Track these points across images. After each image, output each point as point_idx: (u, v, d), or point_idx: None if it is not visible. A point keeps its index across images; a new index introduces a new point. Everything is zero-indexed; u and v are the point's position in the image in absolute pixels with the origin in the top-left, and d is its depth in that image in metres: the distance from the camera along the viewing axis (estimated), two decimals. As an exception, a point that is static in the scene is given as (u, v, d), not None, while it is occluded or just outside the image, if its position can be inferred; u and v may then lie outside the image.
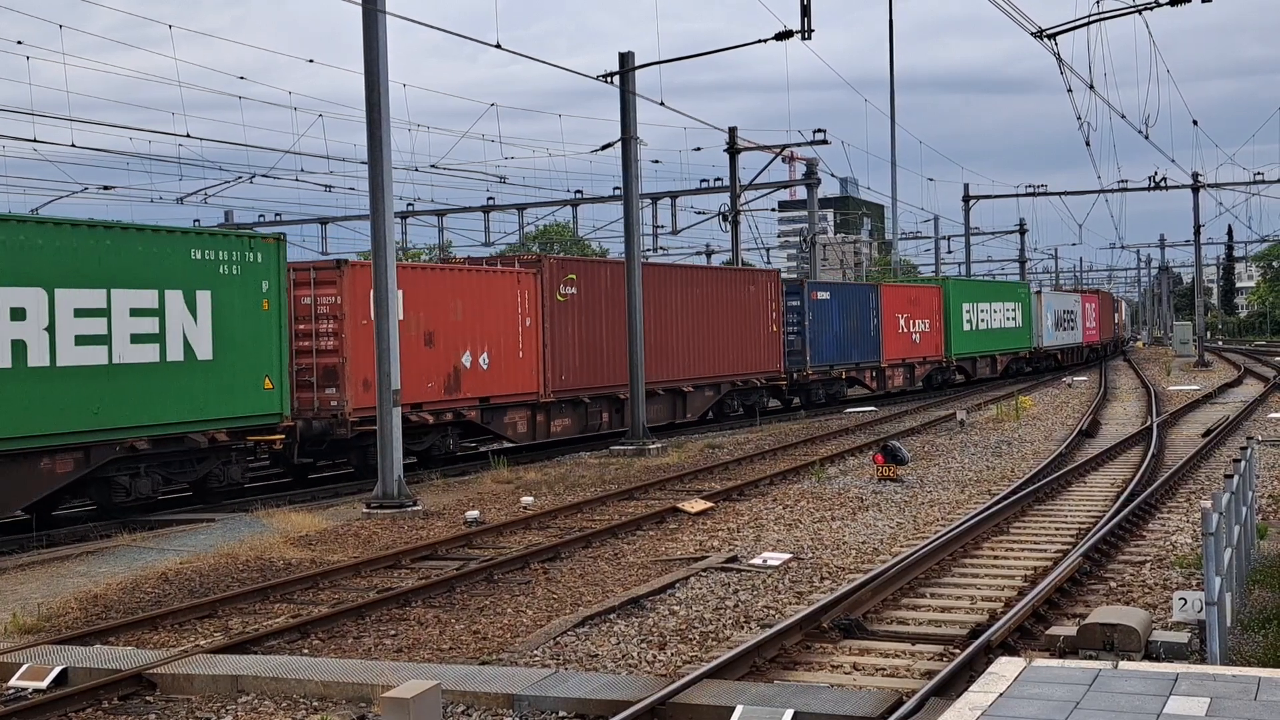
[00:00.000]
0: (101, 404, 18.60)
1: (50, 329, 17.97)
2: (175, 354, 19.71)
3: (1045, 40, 23.44)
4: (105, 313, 18.71)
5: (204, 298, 20.19)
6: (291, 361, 22.04)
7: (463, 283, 26.54)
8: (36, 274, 17.83)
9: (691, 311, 34.11)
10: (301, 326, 23.10)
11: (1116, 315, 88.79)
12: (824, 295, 41.67)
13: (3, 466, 17.53)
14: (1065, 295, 69.22)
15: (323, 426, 23.00)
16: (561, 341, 29.05)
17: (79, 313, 18.34)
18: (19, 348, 17.57)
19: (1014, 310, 57.90)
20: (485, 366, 26.70)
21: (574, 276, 29.71)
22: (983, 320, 54.13)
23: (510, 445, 29.33)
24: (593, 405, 30.43)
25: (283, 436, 21.67)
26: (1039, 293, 62.91)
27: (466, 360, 26.17)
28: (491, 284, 27.24)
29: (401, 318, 22.53)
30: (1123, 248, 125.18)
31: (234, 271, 20.76)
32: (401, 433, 20.61)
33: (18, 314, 17.57)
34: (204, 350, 20.15)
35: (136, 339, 19.14)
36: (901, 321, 46.72)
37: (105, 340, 18.69)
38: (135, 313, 19.13)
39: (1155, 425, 28.41)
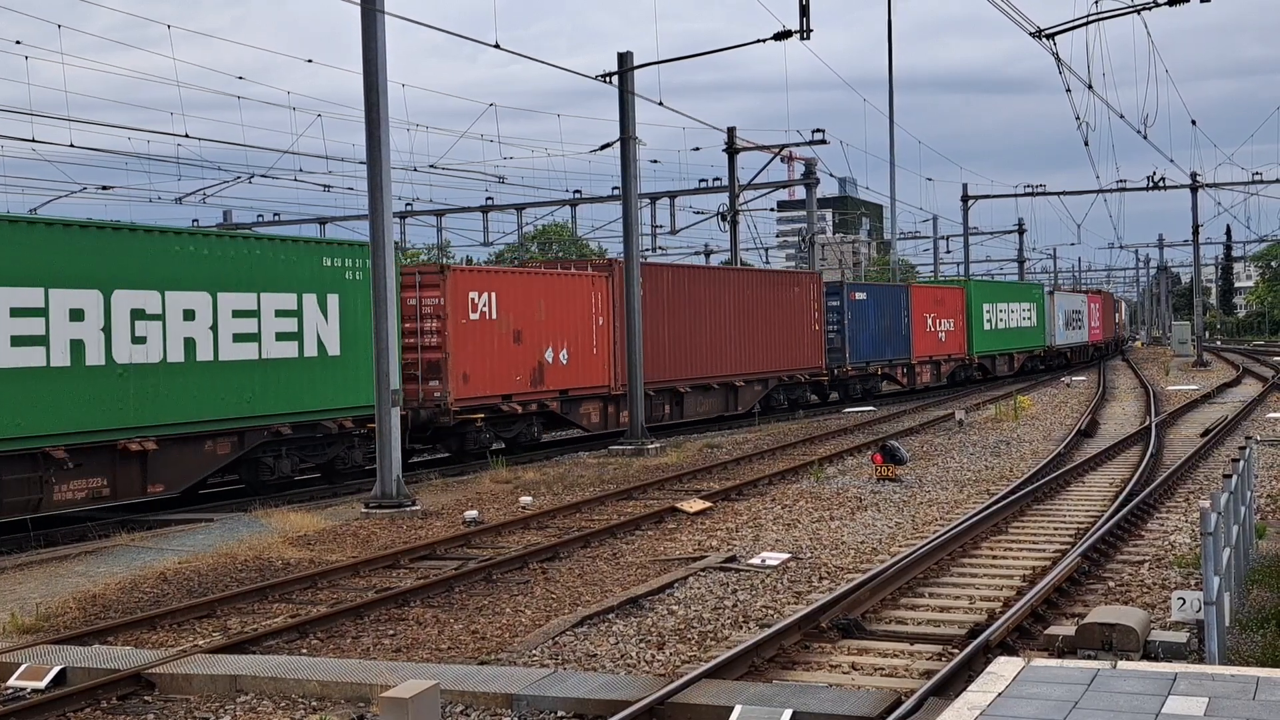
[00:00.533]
0: (253, 394, 21.23)
1: (214, 328, 20.63)
2: (310, 350, 22.35)
3: (1044, 40, 23.45)
4: (255, 314, 21.33)
5: (333, 301, 22.77)
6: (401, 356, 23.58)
7: (545, 285, 29.00)
8: (203, 280, 20.48)
9: (743, 312, 36.48)
10: (408, 325, 25.13)
11: (1117, 315, 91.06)
12: (861, 296, 44.15)
13: (179, 447, 20.13)
14: (1074, 296, 71.38)
15: (428, 415, 25.47)
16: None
17: (235, 314, 21.04)
18: (190, 344, 20.20)
19: (1030, 310, 60.54)
20: (565, 362, 29.27)
21: (643, 279, 31.50)
22: (1001, 320, 56.65)
23: (584, 434, 31.85)
24: (656, 398, 32.64)
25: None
26: (1051, 293, 65.15)
27: (549, 356, 28.75)
28: (569, 286, 29.80)
29: (495, 318, 26.74)
30: (1121, 247, 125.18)
31: (357, 277, 23.12)
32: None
33: (189, 314, 20.23)
34: (333, 347, 22.76)
35: (280, 337, 21.75)
36: (929, 321, 49.14)
37: (256, 338, 21.33)
38: (279, 314, 21.75)
39: (1154, 425, 28.42)
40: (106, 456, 18.96)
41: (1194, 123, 52.35)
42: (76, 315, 18.47)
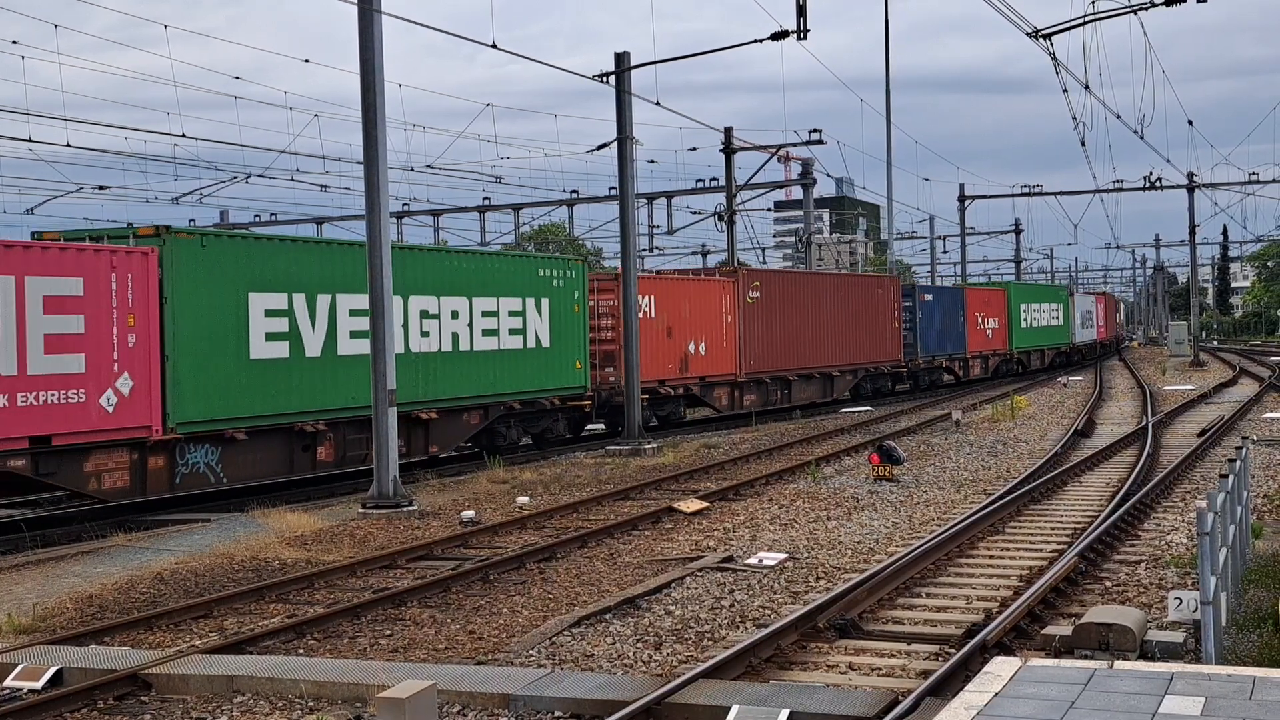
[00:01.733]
0: (495, 377, 26.81)
1: (470, 325, 26.22)
2: (531, 343, 28.01)
3: (1041, 40, 23.46)
4: (496, 314, 26.91)
5: (545, 303, 28.45)
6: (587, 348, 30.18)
7: (689, 289, 34.85)
8: (463, 287, 26.10)
9: (838, 311, 42.00)
10: (591, 322, 30.62)
11: (1117, 314, 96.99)
12: (928, 297, 49.72)
13: (449, 417, 25.80)
14: (1087, 297, 77.40)
15: (606, 395, 31.21)
16: (750, 334, 36.85)
17: (484, 314, 26.69)
18: (455, 338, 25.82)
19: (1057, 310, 66.51)
20: (703, 353, 34.87)
21: (758, 284, 37.70)
22: (1035, 319, 62.49)
23: (715, 415, 37.40)
24: (771, 385, 38.39)
25: (589, 403, 30.39)
26: (1072, 295, 70.88)
27: (692, 348, 34.41)
28: (705, 289, 35.49)
29: (654, 317, 32.41)
30: (1118, 248, 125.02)
31: (560, 284, 29.01)
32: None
33: (454, 315, 25.81)
34: (545, 340, 28.43)
35: (511, 332, 27.38)
36: (979, 319, 54.69)
37: (496, 333, 26.95)
38: (510, 314, 27.44)
39: (1150, 425, 28.44)
40: (405, 424, 23.87)
41: (1190, 123, 52.49)
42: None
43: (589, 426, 33.34)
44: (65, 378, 18.43)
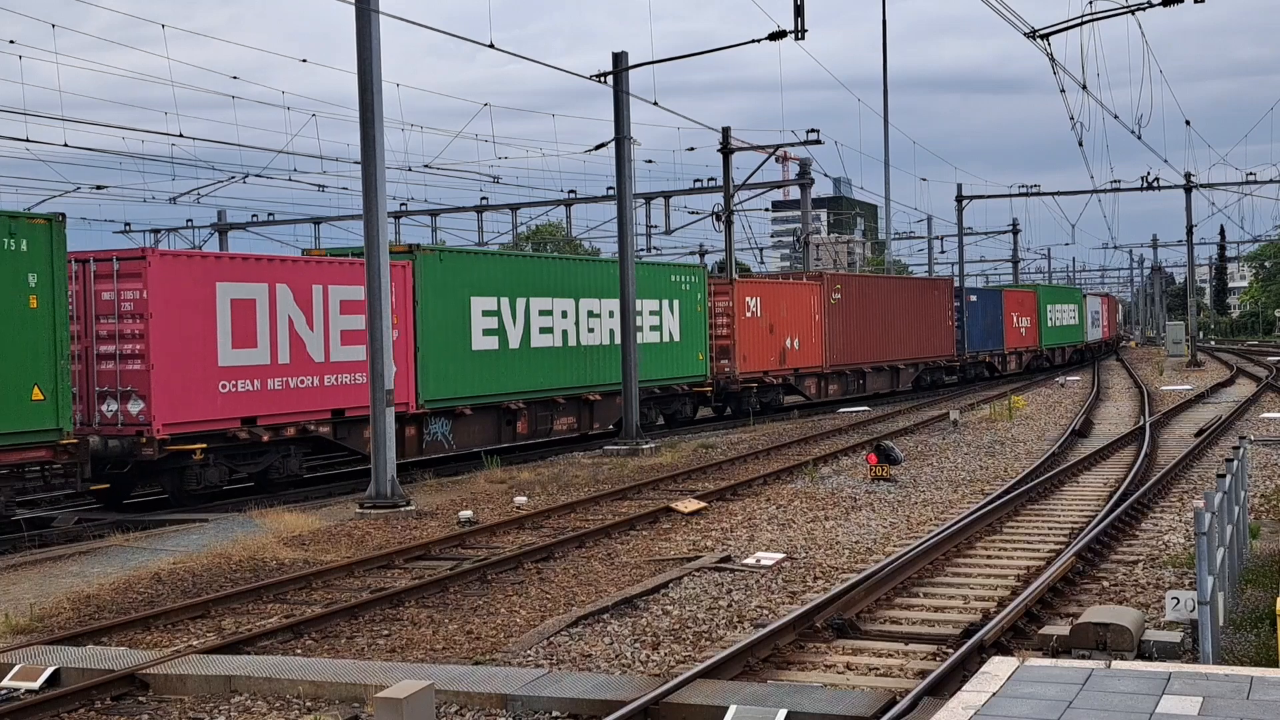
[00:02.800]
0: (650, 366, 32.26)
1: (571, 328, 30.74)
2: (666, 338, 33.46)
3: (1038, 41, 23.46)
4: (640, 314, 31.49)
5: (676, 304, 33.83)
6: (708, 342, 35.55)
7: (785, 291, 40.25)
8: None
9: (904, 311, 47.41)
10: (711, 319, 35.80)
11: (1118, 314, 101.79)
12: (974, 298, 55.13)
13: (608, 399, 30.76)
14: (1094, 298, 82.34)
15: (723, 383, 36.39)
16: (833, 331, 42.25)
17: (650, 313, 32.81)
18: (611, 333, 31.00)
19: (1074, 311, 71.94)
20: (796, 347, 40.11)
21: (839, 287, 43.10)
22: (1058, 319, 68.00)
23: (805, 402, 42.12)
24: (849, 376, 43.97)
25: (710, 388, 35.74)
26: (1085, 296, 76.81)
27: (788, 343, 39.59)
28: (798, 291, 40.95)
29: (760, 315, 37.96)
30: (1115, 248, 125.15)
31: (687, 288, 34.43)
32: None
33: (611, 314, 30.85)
34: (677, 336, 33.90)
35: (652, 329, 32.90)
36: (1014, 319, 59.88)
37: (640, 329, 31.41)
38: (651, 313, 32.90)
39: (1148, 425, 28.45)
40: (577, 404, 30.25)
41: (1188, 123, 52.57)
42: (564, 314, 29.54)
43: (703, 409, 38.73)
44: (353, 364, 23.32)
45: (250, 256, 22.92)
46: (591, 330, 30.54)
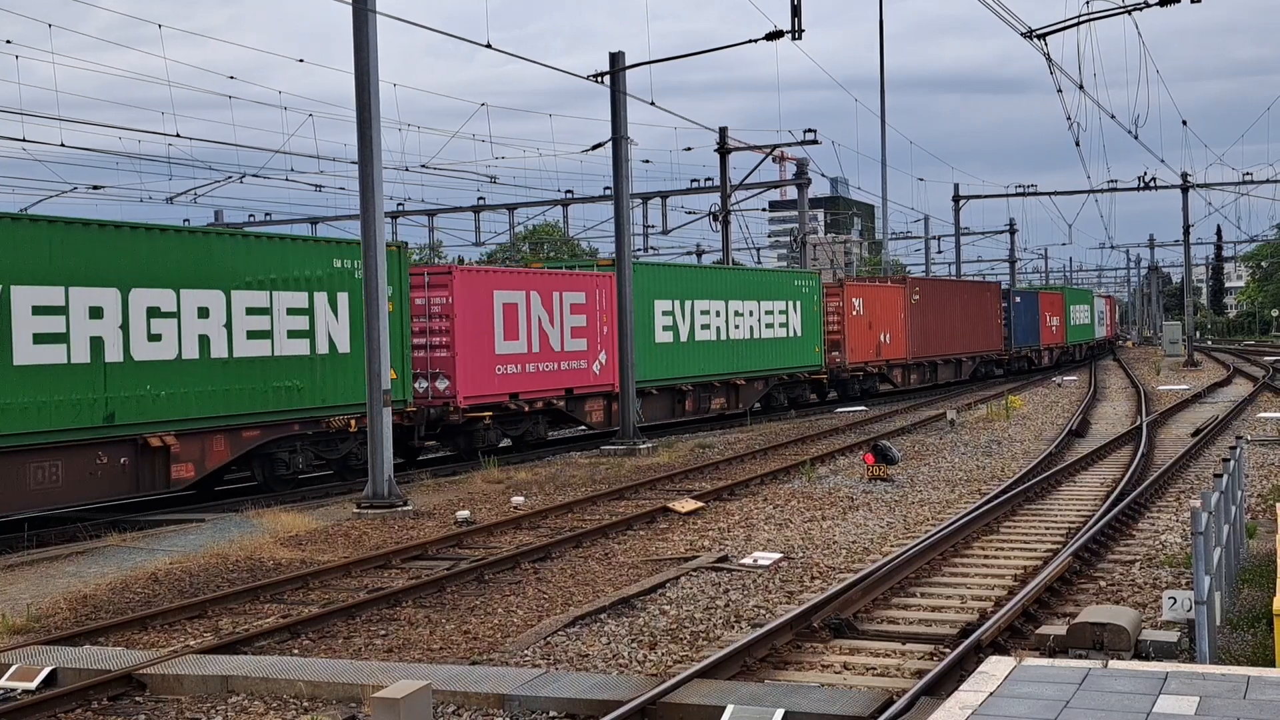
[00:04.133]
0: (772, 357, 38.64)
1: (760, 320, 37.99)
2: (791, 333, 39.69)
3: (1035, 41, 23.47)
4: (773, 312, 38.76)
5: (798, 305, 40.09)
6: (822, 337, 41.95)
7: (880, 292, 46.77)
8: (756, 294, 37.85)
9: (963, 311, 53.82)
10: (824, 317, 42.17)
11: (1116, 314, 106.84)
12: (1018, 299, 61.61)
13: (750, 384, 37.59)
14: (1100, 300, 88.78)
15: (834, 373, 42.85)
16: (914, 328, 48.40)
17: (766, 312, 38.46)
18: (752, 330, 37.86)
19: (1088, 310, 78.58)
20: (888, 342, 46.42)
21: (918, 289, 49.88)
22: (1078, 318, 74.53)
23: (885, 392, 47.84)
24: (925, 367, 50.54)
25: (825, 376, 42.10)
26: (1095, 297, 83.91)
27: (882, 338, 45.89)
28: (890, 293, 47.48)
29: (862, 314, 44.17)
30: (1112, 248, 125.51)
31: (805, 290, 40.73)
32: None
33: (751, 313, 37.32)
34: (799, 332, 39.97)
35: (781, 325, 39.18)
36: (1048, 318, 66.50)
37: (772, 325, 38.54)
38: (780, 313, 39.06)
39: (1145, 425, 28.46)
40: (727, 387, 36.67)
41: (1185, 123, 52.62)
42: (717, 314, 36.09)
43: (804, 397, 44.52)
44: (580, 354, 30.34)
45: (514, 270, 31.33)
46: (737, 327, 36.95)
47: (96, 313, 19.35)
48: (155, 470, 20.20)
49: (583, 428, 32.58)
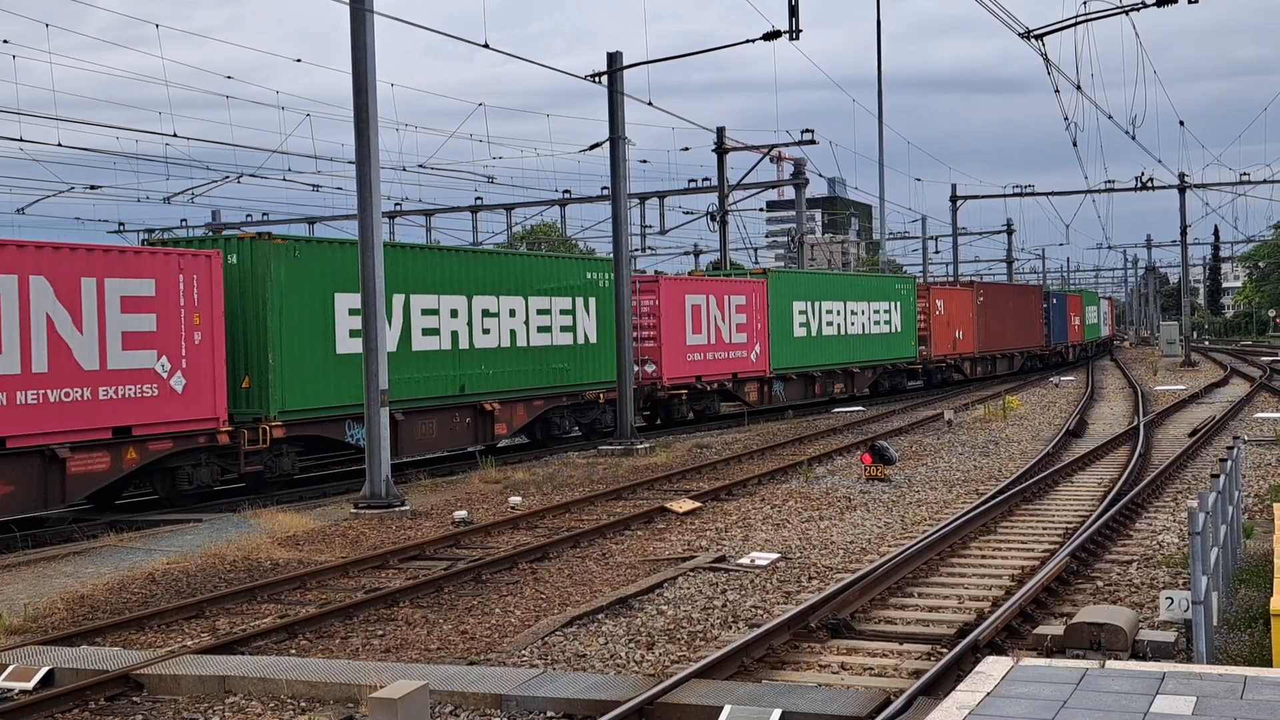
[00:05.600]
0: (880, 350, 45.78)
1: (864, 318, 44.64)
2: (894, 330, 46.94)
3: (1033, 41, 23.47)
4: (878, 311, 45.61)
5: (899, 305, 47.31)
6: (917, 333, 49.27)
7: (956, 294, 53.70)
8: (859, 295, 44.77)
9: (1014, 310, 60.64)
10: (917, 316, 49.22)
11: (1115, 314, 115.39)
12: (1054, 301, 68.45)
13: (862, 372, 44.11)
14: (1104, 301, 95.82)
15: (923, 364, 49.69)
16: (979, 326, 55.04)
17: (874, 311, 45.53)
18: (864, 326, 44.65)
19: (1095, 311, 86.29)
20: (960, 338, 53.00)
21: (982, 292, 56.62)
22: (1090, 317, 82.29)
23: (959, 380, 54.32)
24: (987, 361, 56.86)
25: (919, 366, 49.12)
26: (1099, 299, 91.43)
27: (957, 334, 52.63)
28: (961, 295, 54.21)
29: (943, 313, 50.94)
30: (1109, 248, 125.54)
31: (904, 292, 48.43)
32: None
33: (854, 312, 43.85)
34: (899, 328, 47.15)
35: (885, 323, 46.28)
36: (1072, 317, 73.85)
37: (878, 323, 45.60)
38: (884, 311, 46.14)
39: (1142, 425, 28.46)
40: (845, 375, 43.47)
41: (1182, 124, 52.64)
42: (836, 312, 42.80)
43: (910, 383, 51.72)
44: (741, 345, 37.17)
45: (699, 278, 38.49)
46: (853, 324, 43.85)
47: (454, 314, 26.25)
48: (485, 427, 27.20)
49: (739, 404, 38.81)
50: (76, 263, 18.90)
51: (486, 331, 27.07)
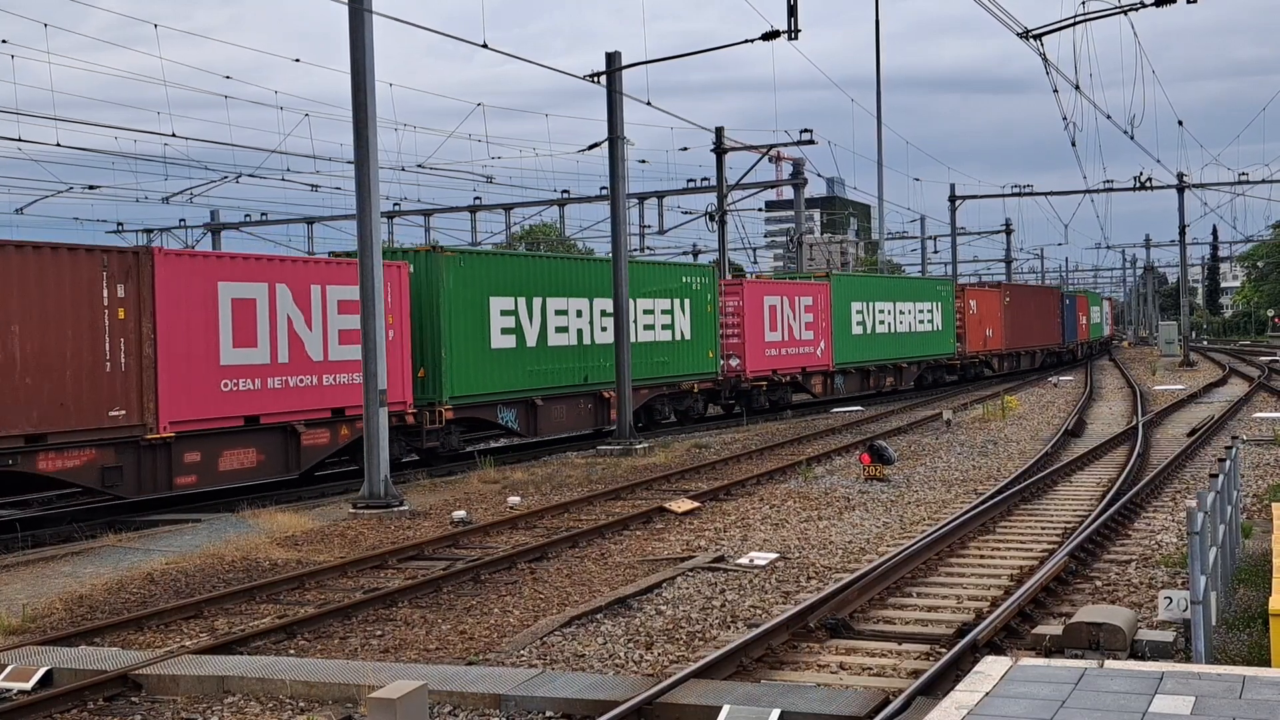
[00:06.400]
0: (925, 346, 49.54)
1: (911, 317, 48.18)
2: (934, 328, 50.41)
3: (1031, 41, 23.47)
4: (924, 311, 49.59)
5: (939, 305, 50.84)
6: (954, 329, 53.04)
7: (986, 295, 57.19)
8: (909, 296, 48.45)
9: (1034, 310, 64.42)
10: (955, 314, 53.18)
11: (1114, 314, 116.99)
12: (1068, 301, 73.00)
13: (910, 367, 48.86)
14: (1105, 301, 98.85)
15: (959, 359, 52.90)
16: (1006, 324, 58.36)
17: (919, 310, 49.21)
18: (911, 324, 48.21)
19: (1099, 311, 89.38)
20: (990, 335, 56.51)
21: (1009, 292, 60.04)
22: (1095, 317, 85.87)
23: (989, 376, 58.34)
24: (1014, 358, 60.78)
25: (957, 361, 52.44)
26: (1102, 299, 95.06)
27: (988, 333, 56.22)
28: (991, 296, 57.69)
29: (975, 312, 54.38)
30: (1108, 248, 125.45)
31: (943, 293, 52.00)
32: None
33: (903, 312, 47.61)
34: (940, 326, 50.99)
35: (928, 322, 49.91)
36: (1080, 317, 77.36)
37: (923, 321, 49.38)
38: (927, 311, 49.77)
39: (1141, 425, 28.48)
40: (894, 370, 46.88)
41: (1180, 124, 52.62)
42: (887, 311, 46.23)
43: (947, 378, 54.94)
44: (809, 342, 40.57)
45: (775, 281, 44.44)
46: (901, 323, 47.67)
47: (580, 314, 29.91)
48: (604, 413, 30.74)
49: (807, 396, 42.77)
50: (307, 272, 22.76)
51: (604, 329, 30.40)
